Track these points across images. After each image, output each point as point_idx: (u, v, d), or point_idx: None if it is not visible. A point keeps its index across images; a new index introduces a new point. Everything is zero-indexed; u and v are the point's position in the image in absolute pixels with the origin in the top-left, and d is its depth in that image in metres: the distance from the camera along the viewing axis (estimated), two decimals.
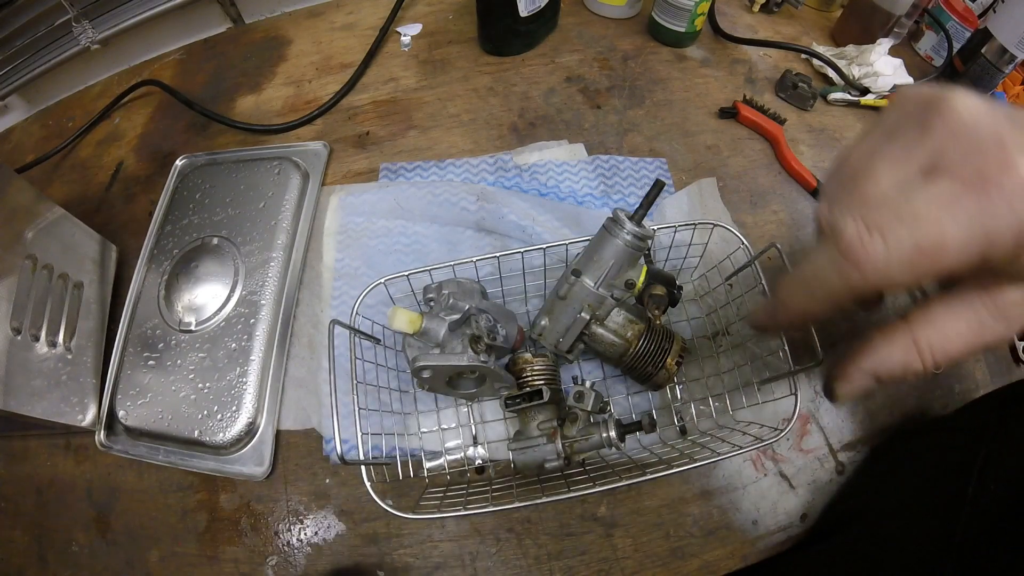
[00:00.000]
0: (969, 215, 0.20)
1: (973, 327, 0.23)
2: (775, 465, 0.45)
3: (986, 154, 0.20)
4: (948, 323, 0.24)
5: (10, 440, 0.50)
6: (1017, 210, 0.19)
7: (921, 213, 0.20)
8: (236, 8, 0.72)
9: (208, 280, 0.51)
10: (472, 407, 0.46)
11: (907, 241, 0.20)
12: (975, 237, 0.20)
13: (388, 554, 0.43)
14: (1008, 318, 0.23)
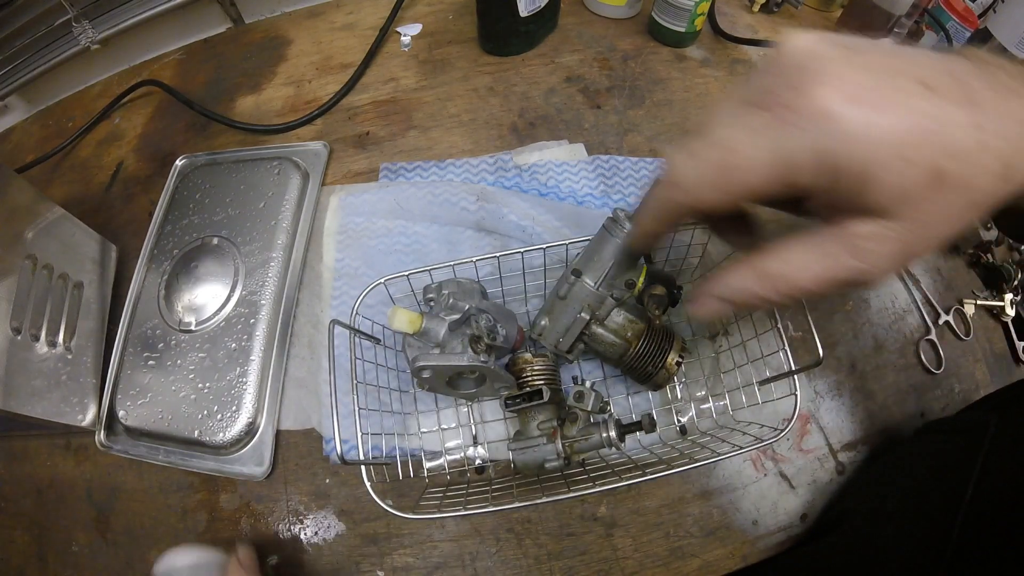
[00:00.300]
0: (767, 138, 0.21)
1: (822, 260, 0.23)
2: (775, 465, 0.45)
3: (788, 83, 0.21)
4: (796, 255, 0.24)
5: (10, 440, 0.50)
6: (811, 133, 0.20)
7: (727, 137, 0.22)
8: (236, 8, 0.72)
9: (208, 280, 0.51)
10: (472, 407, 0.46)
11: (712, 160, 0.23)
12: (775, 160, 0.21)
13: (388, 554, 0.43)
14: (860, 251, 0.22)
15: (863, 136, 0.20)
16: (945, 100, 0.20)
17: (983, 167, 0.20)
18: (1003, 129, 0.20)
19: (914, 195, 0.21)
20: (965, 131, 0.20)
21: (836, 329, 0.50)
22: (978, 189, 0.21)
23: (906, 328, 0.51)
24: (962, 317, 0.52)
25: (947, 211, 0.21)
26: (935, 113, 0.20)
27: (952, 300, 0.53)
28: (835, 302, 0.51)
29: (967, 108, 0.20)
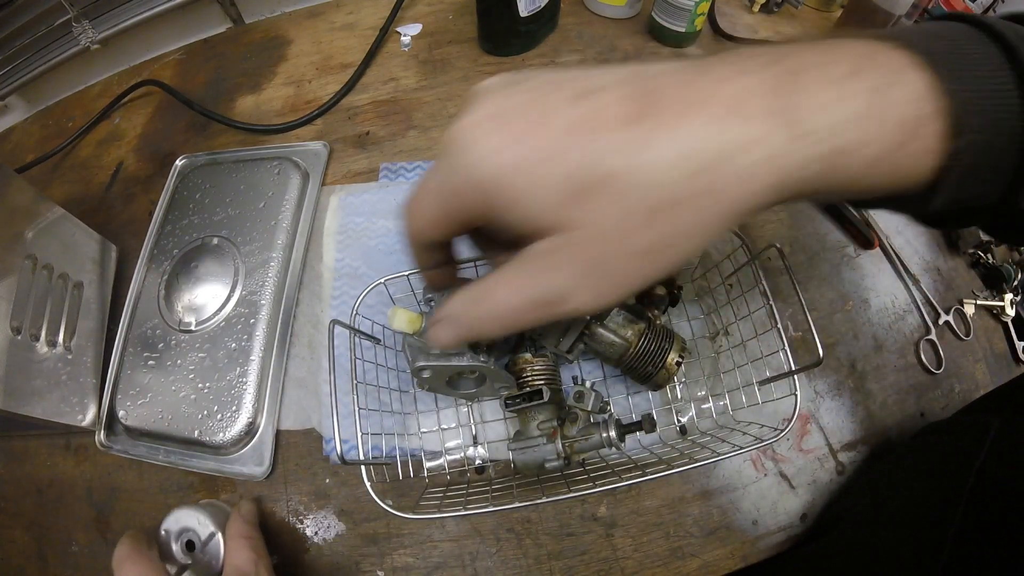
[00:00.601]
0: (432, 180, 0.24)
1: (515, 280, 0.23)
2: (775, 465, 0.45)
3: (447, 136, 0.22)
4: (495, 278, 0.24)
5: (10, 440, 0.50)
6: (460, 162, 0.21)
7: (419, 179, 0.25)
8: (236, 8, 0.72)
9: (208, 280, 0.51)
10: (472, 407, 0.46)
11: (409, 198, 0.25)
12: (442, 191, 0.23)
13: (388, 554, 0.43)
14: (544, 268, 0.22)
15: (497, 160, 0.21)
16: (606, 105, 0.20)
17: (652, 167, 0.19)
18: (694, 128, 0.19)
19: (566, 206, 0.20)
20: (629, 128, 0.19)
21: (836, 329, 0.50)
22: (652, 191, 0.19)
23: (906, 328, 0.51)
24: (962, 317, 0.52)
25: (620, 219, 0.20)
26: (578, 125, 0.20)
27: (952, 300, 0.53)
28: (835, 302, 0.51)
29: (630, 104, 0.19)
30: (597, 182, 0.19)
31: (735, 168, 0.19)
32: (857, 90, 0.19)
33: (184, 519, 0.41)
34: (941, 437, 0.43)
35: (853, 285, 0.52)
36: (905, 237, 0.54)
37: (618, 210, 0.20)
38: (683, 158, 0.19)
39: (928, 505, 0.36)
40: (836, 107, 0.19)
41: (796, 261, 0.53)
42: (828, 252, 0.54)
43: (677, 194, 0.19)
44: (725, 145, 0.19)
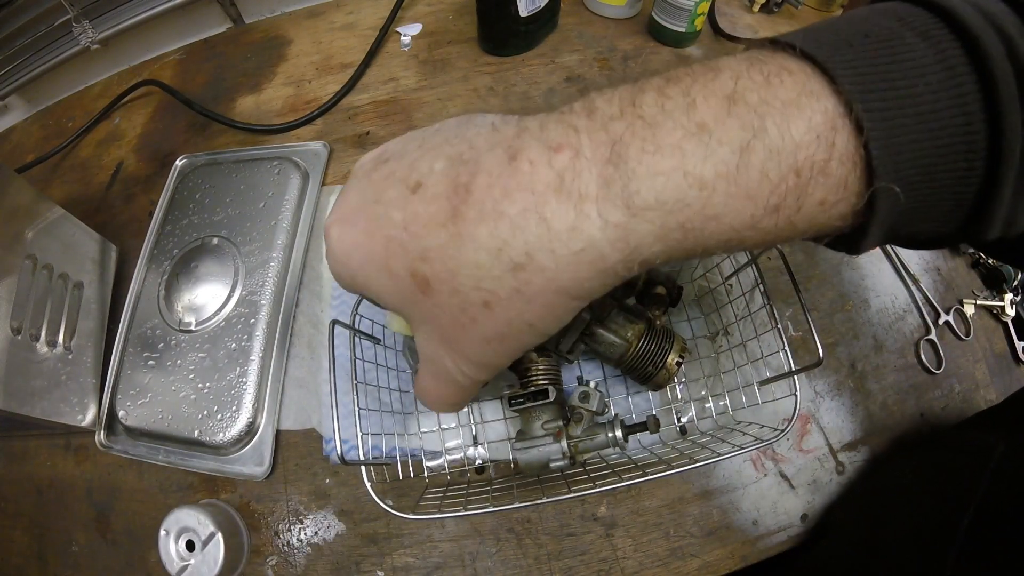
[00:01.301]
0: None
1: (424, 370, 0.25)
2: (775, 465, 0.45)
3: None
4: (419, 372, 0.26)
5: (10, 440, 0.50)
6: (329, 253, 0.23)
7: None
8: (236, 8, 0.72)
9: (208, 280, 0.51)
10: (472, 407, 0.46)
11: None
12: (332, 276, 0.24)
13: (388, 554, 0.43)
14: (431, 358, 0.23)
15: (350, 262, 0.22)
16: (428, 201, 0.19)
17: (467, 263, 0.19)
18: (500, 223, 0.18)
19: (410, 300, 0.21)
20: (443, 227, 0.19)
21: (836, 329, 0.50)
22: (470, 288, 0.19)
23: (906, 328, 0.51)
24: (962, 317, 0.52)
25: (454, 314, 0.20)
26: (409, 223, 0.20)
27: (952, 300, 0.53)
28: (835, 302, 0.51)
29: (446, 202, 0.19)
30: (432, 278, 0.20)
31: (555, 259, 0.18)
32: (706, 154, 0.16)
33: (184, 519, 0.41)
34: (944, 455, 0.41)
35: (853, 285, 0.52)
36: None
37: (455, 303, 0.20)
38: (498, 254, 0.18)
39: (929, 527, 0.35)
40: (674, 178, 0.16)
41: (796, 261, 0.53)
42: (828, 252, 0.53)
43: (502, 288, 0.19)
44: (542, 236, 0.17)
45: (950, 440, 0.44)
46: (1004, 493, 0.32)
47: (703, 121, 0.16)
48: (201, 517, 0.41)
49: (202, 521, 0.41)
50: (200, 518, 0.41)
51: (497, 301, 0.19)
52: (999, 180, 0.16)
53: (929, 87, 0.16)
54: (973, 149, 0.16)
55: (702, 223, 0.17)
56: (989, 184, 0.17)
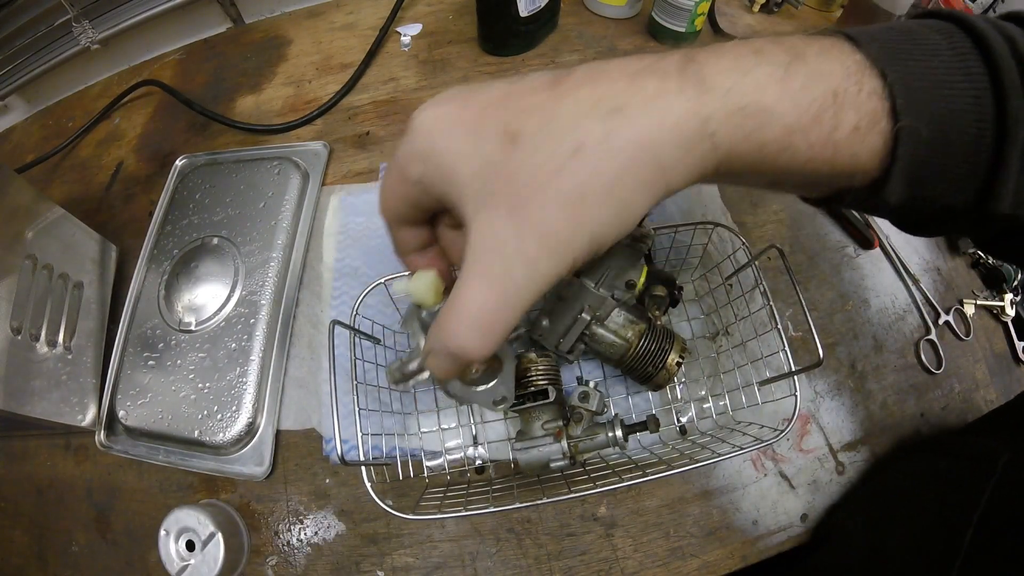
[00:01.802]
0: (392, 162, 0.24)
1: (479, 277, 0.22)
2: (775, 465, 0.45)
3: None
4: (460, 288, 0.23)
5: (10, 440, 0.50)
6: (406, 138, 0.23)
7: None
8: (236, 8, 0.72)
9: (208, 280, 0.51)
10: (472, 407, 0.46)
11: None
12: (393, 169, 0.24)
13: (388, 554, 0.43)
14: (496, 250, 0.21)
15: (433, 127, 0.22)
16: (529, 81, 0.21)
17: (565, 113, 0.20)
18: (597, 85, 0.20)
19: (491, 160, 0.20)
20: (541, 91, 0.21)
21: (836, 329, 0.50)
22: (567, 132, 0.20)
23: (906, 328, 0.51)
24: (962, 317, 0.52)
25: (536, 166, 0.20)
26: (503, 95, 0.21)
27: (952, 300, 0.53)
28: (835, 302, 0.51)
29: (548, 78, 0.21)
30: (523, 129, 0.20)
31: (644, 112, 0.19)
32: (768, 57, 0.20)
33: (184, 519, 0.41)
34: (947, 462, 0.41)
35: (853, 285, 0.52)
36: (905, 237, 0.54)
37: (543, 153, 0.20)
38: (594, 104, 0.20)
39: (933, 536, 0.35)
40: (740, 70, 0.20)
41: (796, 261, 0.53)
42: (828, 252, 0.54)
43: (592, 134, 0.19)
44: (636, 93, 0.20)
45: (953, 446, 0.44)
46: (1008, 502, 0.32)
47: (758, 48, 0.21)
48: (201, 517, 0.41)
49: (202, 521, 0.41)
50: (200, 518, 0.41)
51: (586, 147, 0.19)
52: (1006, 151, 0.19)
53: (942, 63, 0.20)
54: (982, 118, 0.19)
55: (758, 115, 0.20)
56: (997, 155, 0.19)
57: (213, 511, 0.42)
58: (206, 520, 0.41)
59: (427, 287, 0.29)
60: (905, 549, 0.36)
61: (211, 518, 0.41)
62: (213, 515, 0.41)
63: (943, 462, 0.41)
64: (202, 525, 0.41)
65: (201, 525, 0.41)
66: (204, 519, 0.41)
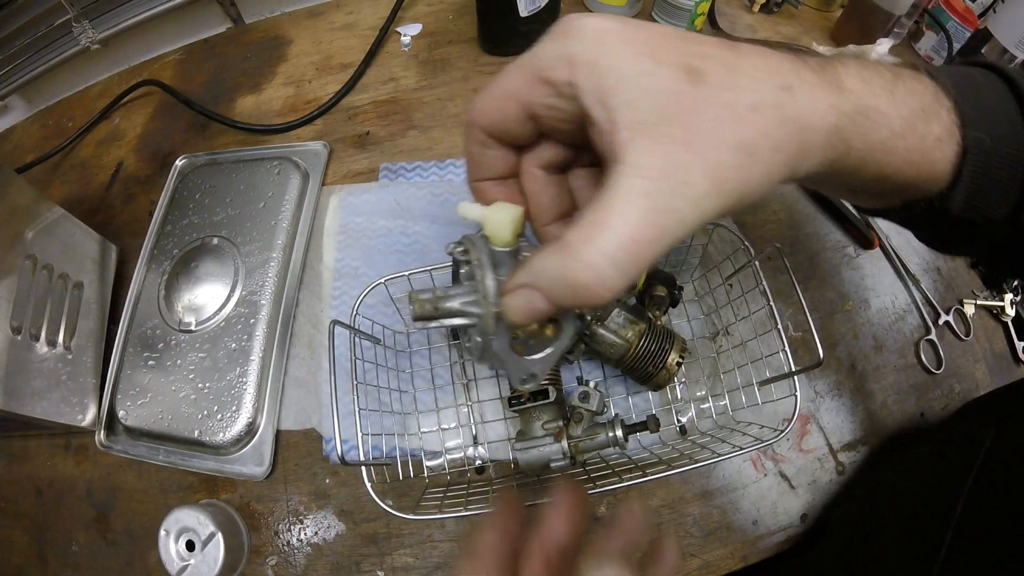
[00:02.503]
0: (525, 55, 0.22)
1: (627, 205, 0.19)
2: (775, 465, 0.45)
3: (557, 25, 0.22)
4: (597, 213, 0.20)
5: (10, 440, 0.50)
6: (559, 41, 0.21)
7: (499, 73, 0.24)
8: (236, 8, 0.72)
9: (208, 280, 0.51)
10: (472, 407, 0.46)
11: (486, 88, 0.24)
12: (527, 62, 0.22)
13: (388, 554, 0.43)
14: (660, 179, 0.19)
15: (604, 35, 0.20)
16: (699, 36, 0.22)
17: (746, 72, 0.20)
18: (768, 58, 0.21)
19: (668, 89, 0.19)
20: (719, 49, 0.21)
21: (836, 329, 0.50)
22: (748, 90, 0.20)
23: (906, 328, 0.51)
24: (962, 317, 0.52)
25: (719, 107, 0.19)
26: (690, 35, 0.21)
27: (952, 300, 0.53)
28: (835, 302, 0.51)
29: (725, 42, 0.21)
30: (708, 72, 0.20)
31: (807, 98, 0.21)
32: (879, 72, 0.23)
33: (184, 519, 0.41)
34: (936, 446, 0.42)
35: (853, 285, 0.52)
36: (905, 237, 0.54)
37: (725, 98, 0.20)
38: (769, 74, 0.21)
39: (922, 516, 0.36)
40: (862, 78, 0.23)
41: (796, 261, 0.53)
42: (828, 252, 0.54)
43: (768, 99, 0.20)
44: (800, 79, 0.21)
45: (941, 432, 0.45)
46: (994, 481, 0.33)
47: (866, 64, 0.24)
48: (201, 517, 0.41)
49: (202, 521, 0.41)
50: (200, 518, 0.41)
51: (762, 108, 0.20)
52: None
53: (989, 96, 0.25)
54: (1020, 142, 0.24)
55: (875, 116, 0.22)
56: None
57: (213, 511, 0.42)
58: (206, 520, 0.41)
59: (509, 221, 0.25)
60: (895, 534, 0.37)
61: (211, 518, 0.41)
62: (213, 515, 0.41)
63: (932, 447, 0.42)
64: (202, 525, 0.41)
65: (201, 525, 0.41)
66: (204, 519, 0.41)
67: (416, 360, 0.48)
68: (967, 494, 0.33)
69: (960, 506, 0.33)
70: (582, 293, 0.20)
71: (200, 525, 0.41)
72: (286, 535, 0.44)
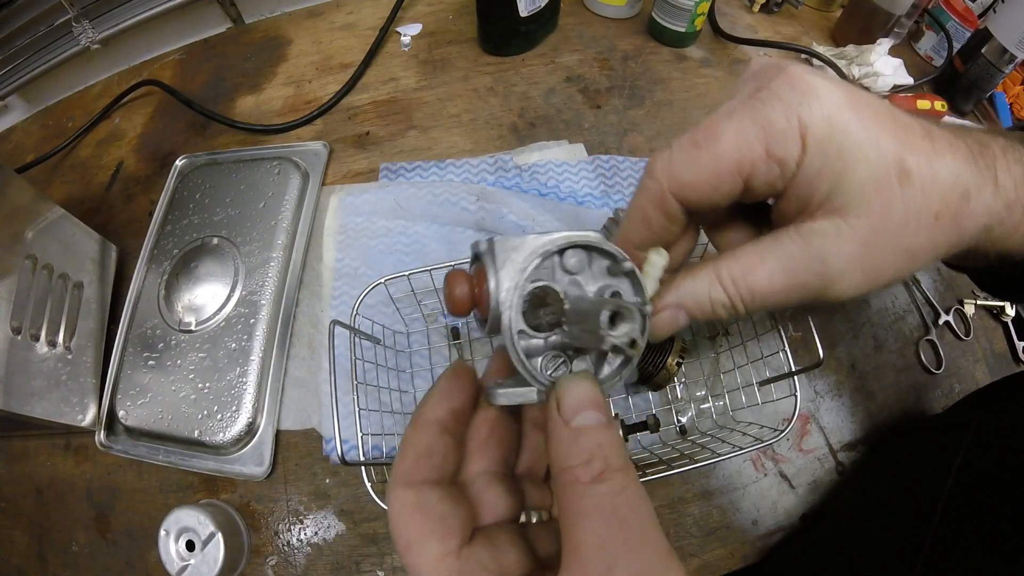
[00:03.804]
0: (744, 114, 0.21)
1: (781, 263, 0.22)
2: (775, 465, 0.45)
3: (765, 74, 0.21)
4: (754, 257, 0.22)
5: (10, 440, 0.50)
6: (789, 101, 0.20)
7: (704, 122, 0.22)
8: (236, 8, 0.72)
9: (208, 280, 0.51)
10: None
11: (686, 140, 0.22)
12: (750, 129, 0.20)
13: (388, 554, 0.43)
14: (819, 252, 0.21)
15: (836, 111, 0.20)
16: (894, 111, 0.22)
17: (941, 178, 0.21)
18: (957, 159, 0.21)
19: (877, 185, 0.20)
20: (923, 139, 0.21)
21: (836, 329, 0.50)
22: (938, 196, 0.21)
23: (906, 328, 0.51)
24: (962, 317, 0.52)
25: (909, 213, 0.21)
26: (890, 111, 0.21)
27: (952, 300, 0.53)
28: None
29: (912, 119, 0.22)
30: (915, 172, 0.21)
31: (978, 203, 0.22)
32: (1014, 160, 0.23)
33: (184, 519, 0.41)
34: (925, 433, 0.43)
35: None
36: None
37: (918, 203, 0.21)
38: (958, 181, 0.21)
39: (910, 499, 0.36)
40: (1011, 173, 0.22)
41: None
42: None
43: (949, 208, 0.21)
44: (973, 180, 0.22)
45: (931, 420, 0.46)
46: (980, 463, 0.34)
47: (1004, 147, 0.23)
48: (201, 517, 0.41)
49: (202, 521, 0.41)
50: (200, 518, 0.41)
51: (944, 216, 0.21)
52: None
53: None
54: None
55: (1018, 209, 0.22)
56: None
57: (213, 511, 0.42)
58: (206, 520, 0.41)
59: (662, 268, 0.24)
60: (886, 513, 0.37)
61: (211, 518, 0.41)
62: (213, 515, 0.41)
63: (922, 435, 0.43)
64: (202, 525, 0.41)
65: (201, 525, 0.41)
66: (204, 519, 0.41)
67: (416, 360, 0.48)
68: (956, 472, 0.34)
69: (948, 486, 0.33)
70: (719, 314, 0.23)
71: (200, 525, 0.41)
72: (286, 535, 0.44)
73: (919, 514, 0.34)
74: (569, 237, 0.22)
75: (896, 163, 0.20)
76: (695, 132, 0.21)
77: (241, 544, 0.43)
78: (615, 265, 0.22)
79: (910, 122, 0.22)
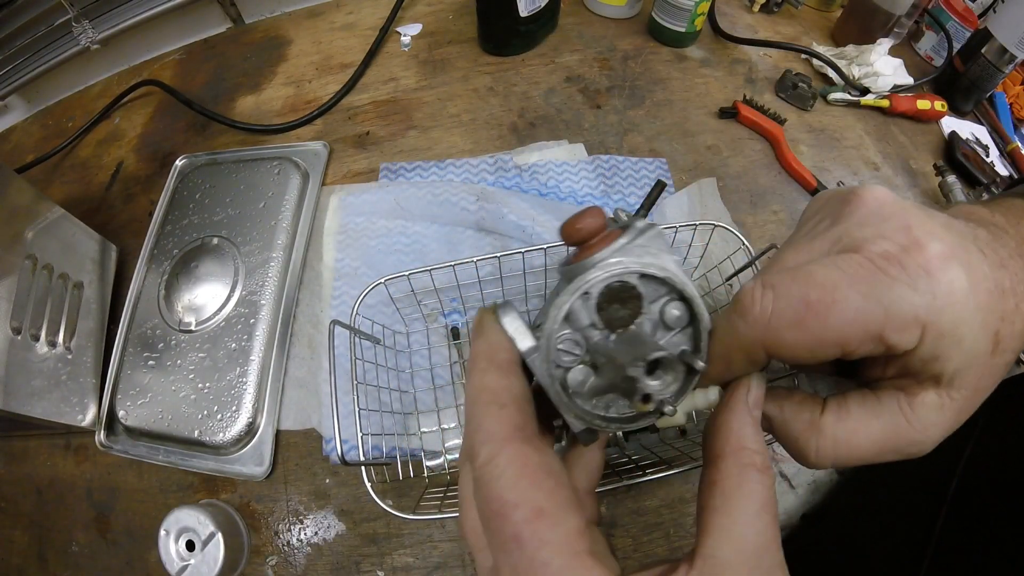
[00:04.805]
0: (868, 285, 0.19)
1: (886, 432, 0.22)
2: (775, 465, 0.45)
3: (892, 235, 0.19)
4: (861, 422, 0.22)
5: (10, 440, 0.50)
6: (916, 292, 0.18)
7: (818, 275, 0.19)
8: (236, 8, 0.72)
9: (208, 280, 0.51)
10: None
11: (796, 294, 0.19)
12: (872, 309, 0.19)
13: (388, 554, 0.43)
14: (920, 421, 0.21)
15: (961, 300, 0.19)
16: (991, 263, 0.20)
17: (1018, 329, 0.21)
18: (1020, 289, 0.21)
19: (979, 361, 0.20)
20: (1006, 295, 0.21)
21: None
22: (1015, 351, 0.21)
23: None
24: None
25: (996, 376, 0.21)
26: (991, 275, 0.20)
27: None
28: None
29: (1002, 271, 0.21)
30: (1004, 338, 0.21)
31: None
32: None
33: (184, 519, 0.41)
34: None
35: None
36: None
37: (999, 372, 0.21)
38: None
39: (915, 498, 0.36)
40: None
41: None
42: None
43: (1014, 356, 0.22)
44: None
45: None
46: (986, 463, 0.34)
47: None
48: (201, 517, 0.41)
49: (202, 521, 0.41)
50: (200, 518, 0.41)
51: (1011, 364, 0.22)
52: None
53: None
54: None
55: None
56: None
57: (213, 511, 0.42)
58: (206, 520, 0.41)
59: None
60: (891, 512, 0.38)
61: (211, 518, 0.41)
62: (213, 515, 0.41)
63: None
64: (202, 525, 0.41)
65: (201, 525, 0.41)
66: (204, 519, 0.41)
67: (416, 360, 0.48)
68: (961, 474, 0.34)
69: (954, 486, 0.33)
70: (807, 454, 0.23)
71: (200, 525, 0.41)
72: (286, 535, 0.44)
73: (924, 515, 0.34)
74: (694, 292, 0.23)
75: (994, 334, 0.20)
76: (807, 287, 0.19)
77: (241, 544, 0.43)
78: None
79: (1001, 278, 0.20)
